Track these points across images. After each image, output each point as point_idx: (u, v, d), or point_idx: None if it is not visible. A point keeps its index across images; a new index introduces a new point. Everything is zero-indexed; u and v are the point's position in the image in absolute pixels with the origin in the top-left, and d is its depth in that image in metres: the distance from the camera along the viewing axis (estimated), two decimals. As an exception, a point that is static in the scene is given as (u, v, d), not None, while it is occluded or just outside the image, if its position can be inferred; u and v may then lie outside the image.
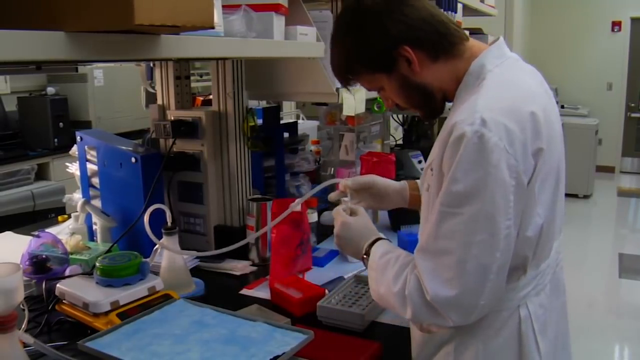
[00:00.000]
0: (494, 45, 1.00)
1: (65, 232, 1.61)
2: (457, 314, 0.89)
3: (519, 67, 1.00)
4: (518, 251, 0.90)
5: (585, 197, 6.17)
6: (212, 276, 1.50)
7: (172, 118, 1.65)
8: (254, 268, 1.57)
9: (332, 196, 1.27)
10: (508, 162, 0.84)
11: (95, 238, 1.61)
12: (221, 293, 1.42)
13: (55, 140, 3.53)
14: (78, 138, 1.65)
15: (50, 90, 3.63)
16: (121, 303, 1.13)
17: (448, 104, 1.05)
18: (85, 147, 1.63)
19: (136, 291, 1.17)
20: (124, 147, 1.56)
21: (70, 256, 1.41)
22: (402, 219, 1.73)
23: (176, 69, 1.69)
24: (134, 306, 1.14)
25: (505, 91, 0.92)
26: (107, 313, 1.11)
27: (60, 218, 1.86)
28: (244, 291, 1.42)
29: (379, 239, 1.08)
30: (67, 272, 1.34)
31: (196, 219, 1.69)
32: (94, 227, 1.61)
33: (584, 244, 4.98)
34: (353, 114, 1.90)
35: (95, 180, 1.63)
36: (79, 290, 1.17)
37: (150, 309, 1.09)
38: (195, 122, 1.62)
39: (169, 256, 1.36)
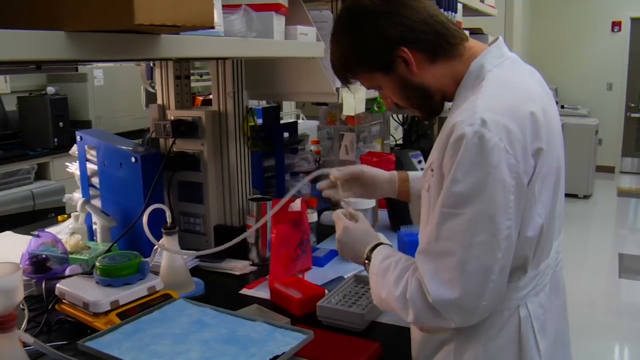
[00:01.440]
0: (493, 46, 1.00)
1: (65, 232, 1.60)
2: (459, 315, 0.90)
3: (518, 67, 1.01)
4: (518, 251, 0.90)
5: (585, 197, 6.18)
6: (212, 276, 1.50)
7: (172, 118, 1.65)
8: (254, 268, 1.57)
9: (322, 185, 1.29)
10: (508, 162, 0.85)
11: (95, 238, 1.61)
12: (221, 293, 1.42)
13: (55, 140, 3.53)
14: (78, 138, 1.65)
15: (50, 90, 3.63)
16: (121, 303, 1.13)
17: (448, 104, 1.05)
18: (85, 146, 1.63)
19: (136, 291, 1.17)
20: (124, 147, 1.56)
21: (70, 256, 1.41)
22: (402, 219, 1.72)
23: (176, 68, 1.69)
24: (134, 306, 1.14)
25: (504, 91, 0.92)
26: (107, 313, 1.11)
27: (60, 218, 1.86)
28: (244, 291, 1.42)
29: (379, 244, 1.09)
30: (67, 272, 1.34)
31: (196, 219, 1.69)
32: (94, 226, 1.61)
33: (584, 244, 4.98)
34: (353, 114, 1.90)
35: (95, 180, 1.63)
36: (78, 289, 1.17)
37: (150, 308, 1.09)
38: (195, 122, 1.62)
39: (169, 256, 1.36)
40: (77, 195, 1.69)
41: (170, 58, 1.42)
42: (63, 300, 1.20)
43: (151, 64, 1.80)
